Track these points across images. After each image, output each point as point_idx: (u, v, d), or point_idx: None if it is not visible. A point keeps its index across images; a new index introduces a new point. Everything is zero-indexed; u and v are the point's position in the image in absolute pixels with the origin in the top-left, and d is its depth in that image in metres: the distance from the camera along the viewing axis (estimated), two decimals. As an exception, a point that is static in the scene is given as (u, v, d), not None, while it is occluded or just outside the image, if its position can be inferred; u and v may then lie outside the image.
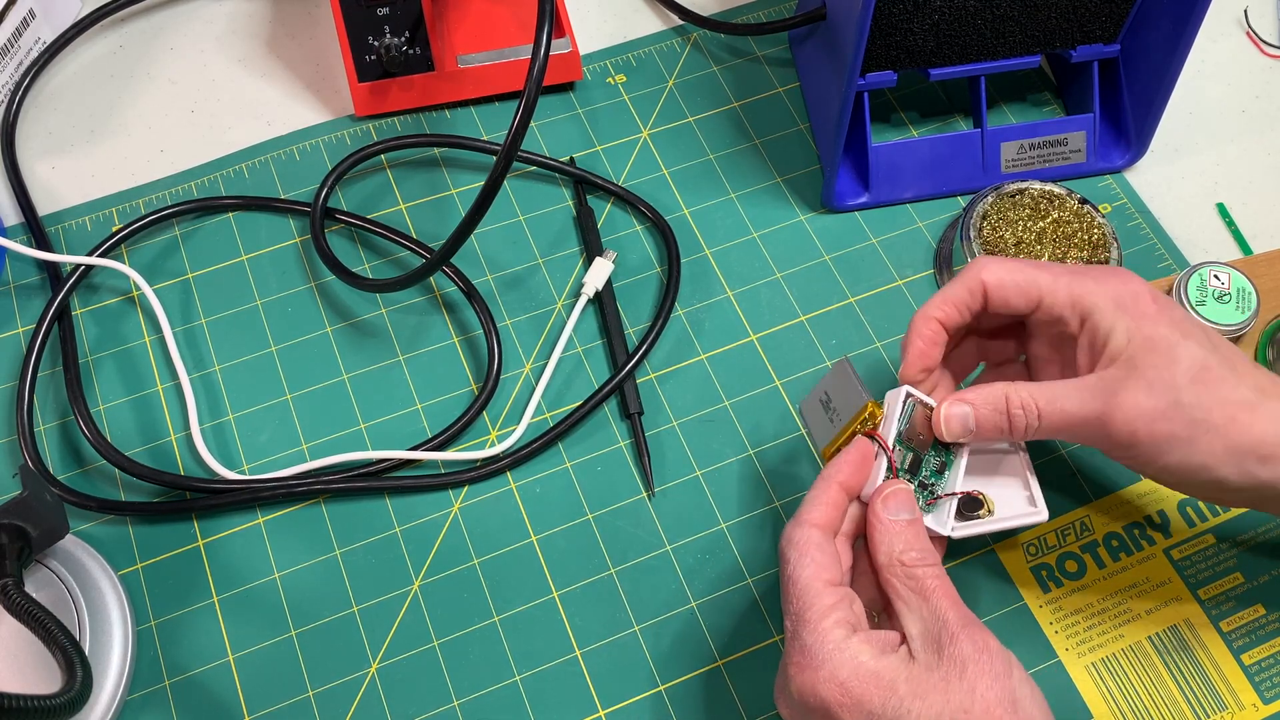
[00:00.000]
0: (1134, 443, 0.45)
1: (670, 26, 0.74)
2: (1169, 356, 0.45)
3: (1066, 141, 0.67)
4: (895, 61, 0.64)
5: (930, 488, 0.49)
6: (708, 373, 0.62)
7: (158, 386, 0.61)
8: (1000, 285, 0.48)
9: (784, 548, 0.45)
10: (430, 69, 0.68)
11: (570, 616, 0.55)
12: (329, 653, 0.54)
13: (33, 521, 0.50)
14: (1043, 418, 0.47)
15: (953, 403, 0.48)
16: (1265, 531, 0.57)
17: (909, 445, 0.49)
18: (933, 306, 0.49)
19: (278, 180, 0.67)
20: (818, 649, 0.42)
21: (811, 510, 0.46)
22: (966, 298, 0.49)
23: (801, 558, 0.44)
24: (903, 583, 0.44)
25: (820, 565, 0.44)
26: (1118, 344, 0.46)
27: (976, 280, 0.48)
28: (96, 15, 0.72)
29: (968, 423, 0.48)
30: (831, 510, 0.46)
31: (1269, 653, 0.54)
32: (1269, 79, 0.72)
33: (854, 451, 0.48)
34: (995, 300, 0.49)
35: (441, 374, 0.61)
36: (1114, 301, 0.46)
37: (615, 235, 0.66)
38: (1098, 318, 0.47)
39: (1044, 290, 0.48)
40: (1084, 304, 0.47)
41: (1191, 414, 0.44)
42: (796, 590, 0.44)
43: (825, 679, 0.42)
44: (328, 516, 0.58)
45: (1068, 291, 0.47)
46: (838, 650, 0.42)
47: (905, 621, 0.44)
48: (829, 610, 0.43)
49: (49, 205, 0.67)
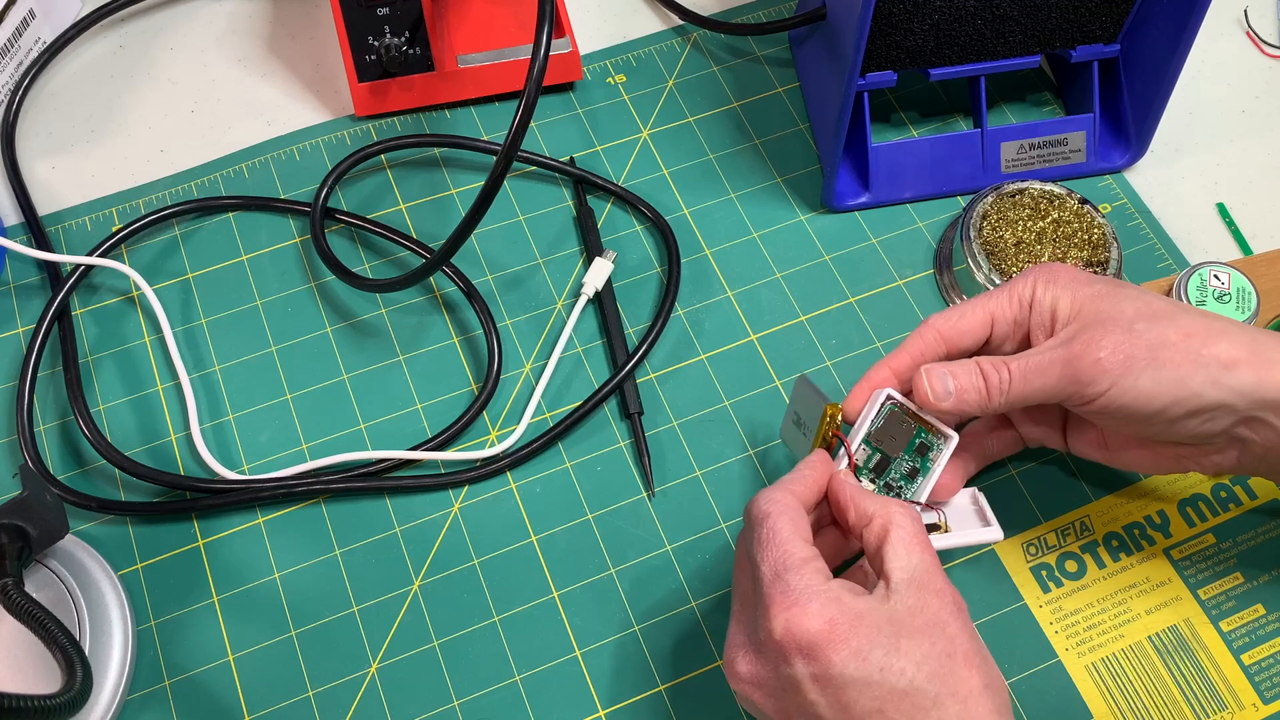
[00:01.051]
0: (1102, 372, 0.46)
1: (670, 26, 0.74)
2: (1113, 302, 0.48)
3: (1066, 141, 0.67)
4: (895, 61, 0.64)
5: (897, 490, 0.50)
6: (708, 373, 0.62)
7: (158, 386, 0.61)
8: (951, 324, 0.50)
9: (762, 506, 0.46)
10: (430, 69, 0.68)
11: (570, 616, 0.55)
12: (329, 653, 0.54)
13: (33, 521, 0.50)
14: (1013, 375, 0.48)
15: (931, 367, 0.50)
16: (1265, 531, 0.57)
17: (878, 447, 0.50)
18: (890, 357, 0.51)
19: (278, 180, 0.67)
20: (804, 588, 0.42)
21: (791, 482, 0.47)
22: (921, 346, 0.50)
23: (782, 514, 0.45)
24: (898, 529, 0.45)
25: (798, 524, 0.45)
26: (1065, 309, 0.49)
27: (929, 330, 0.51)
28: (96, 15, 0.72)
29: (947, 383, 0.49)
30: (808, 488, 0.47)
31: (1269, 653, 0.54)
32: (1269, 79, 0.72)
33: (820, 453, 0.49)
34: (954, 338, 0.50)
35: (441, 374, 0.61)
36: (1048, 279, 0.49)
37: (615, 235, 0.66)
38: (1039, 296, 0.49)
39: (989, 307, 0.50)
40: (1023, 294, 0.50)
41: (1148, 338, 0.46)
42: (777, 540, 0.44)
43: (814, 614, 0.42)
44: (328, 516, 0.58)
45: (1007, 295, 0.50)
46: (823, 588, 0.43)
47: (891, 564, 0.44)
48: (809, 560, 0.44)
49: (49, 205, 0.67)
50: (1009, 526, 0.57)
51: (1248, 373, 0.46)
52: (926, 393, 0.49)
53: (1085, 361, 0.46)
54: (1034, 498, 0.58)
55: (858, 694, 0.41)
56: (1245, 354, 0.46)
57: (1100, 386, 0.46)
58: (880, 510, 0.46)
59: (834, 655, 0.41)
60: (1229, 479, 0.58)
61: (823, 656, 0.41)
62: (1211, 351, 0.46)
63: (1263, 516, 0.58)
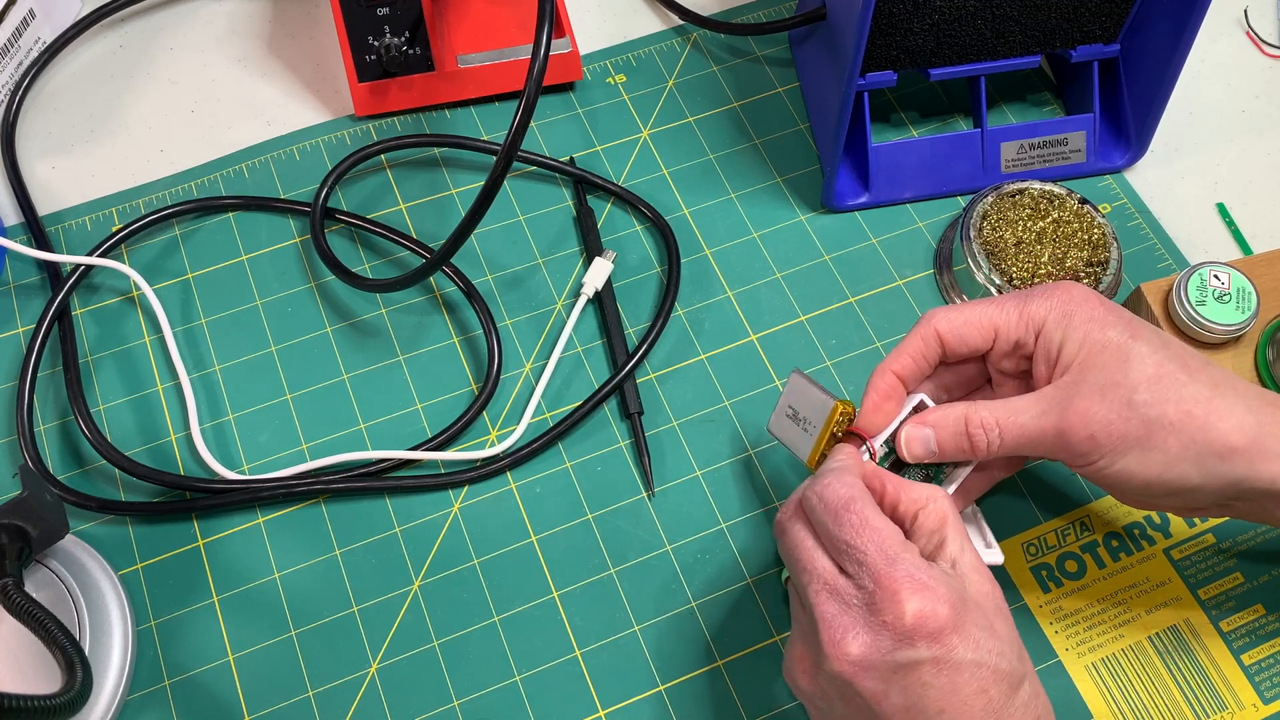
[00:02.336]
0: (1093, 448, 0.45)
1: (670, 26, 0.74)
2: (1120, 358, 0.46)
3: (1066, 141, 0.67)
4: (895, 61, 0.64)
5: None
6: (708, 373, 0.62)
7: (158, 386, 0.61)
8: (954, 330, 0.49)
9: (839, 492, 0.44)
10: (430, 69, 0.68)
11: (570, 616, 0.55)
12: (329, 653, 0.54)
13: (33, 521, 0.50)
14: (1003, 435, 0.47)
15: (913, 425, 0.49)
16: (1265, 531, 0.57)
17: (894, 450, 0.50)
18: (890, 360, 0.50)
19: (278, 180, 0.67)
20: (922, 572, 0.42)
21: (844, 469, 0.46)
22: (922, 348, 0.50)
23: (866, 499, 0.44)
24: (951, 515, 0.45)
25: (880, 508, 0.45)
26: (1070, 352, 0.47)
27: (930, 330, 0.49)
28: (96, 15, 0.72)
29: (929, 445, 0.49)
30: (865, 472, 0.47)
31: (1269, 653, 0.54)
32: (1269, 79, 0.72)
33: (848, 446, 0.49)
34: (953, 345, 0.49)
35: (441, 374, 0.61)
36: (1063, 312, 0.47)
37: (615, 235, 0.66)
38: (1049, 330, 0.47)
39: (996, 320, 0.49)
40: (1035, 320, 0.48)
41: (1146, 413, 0.45)
42: (872, 525, 0.43)
43: (943, 598, 0.41)
44: (328, 516, 0.58)
45: (1018, 313, 0.48)
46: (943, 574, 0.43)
47: (952, 548, 0.44)
48: (907, 545, 0.43)
49: (49, 205, 0.67)
50: (1009, 526, 0.57)
51: (1242, 465, 0.45)
52: (905, 454, 0.49)
53: (1077, 436, 0.45)
54: (1034, 498, 0.58)
55: (969, 676, 0.41)
56: (1245, 442, 0.45)
57: (1090, 459, 0.46)
58: (931, 494, 0.46)
59: (956, 639, 0.41)
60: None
61: (948, 640, 0.41)
62: (1209, 437, 0.45)
63: (1263, 516, 0.58)
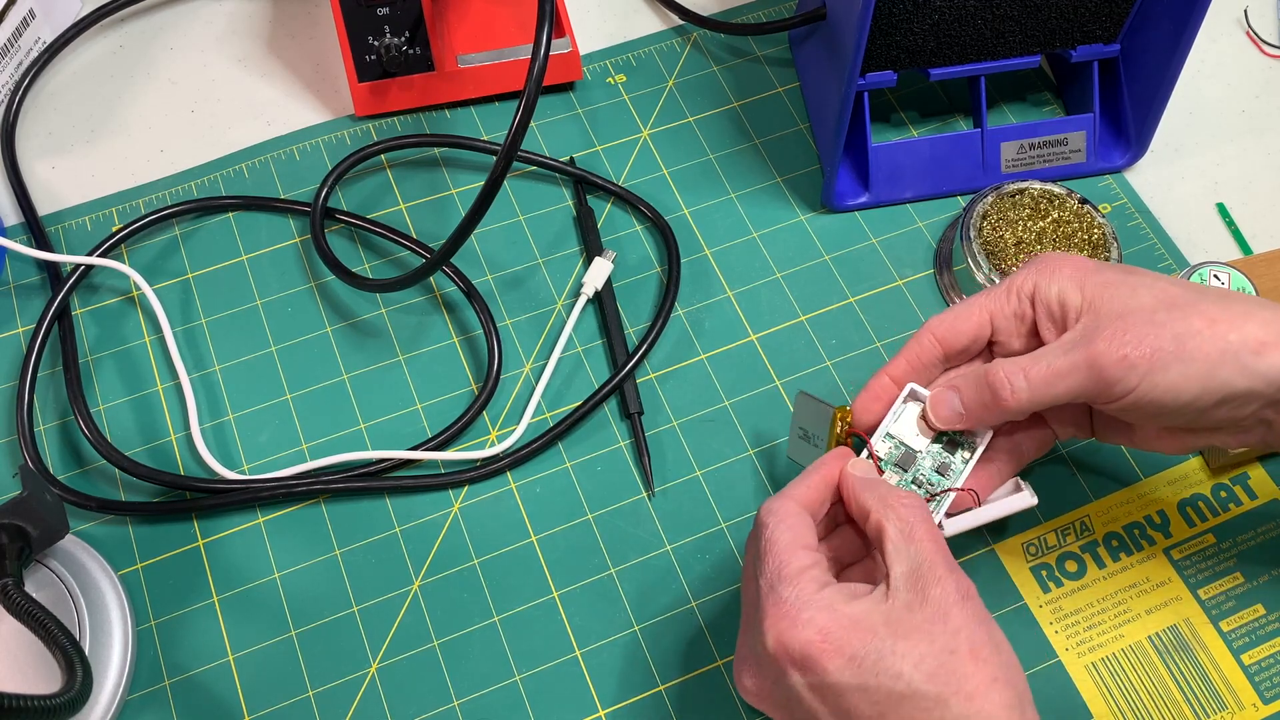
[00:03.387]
0: (1128, 369, 0.44)
1: (670, 26, 0.74)
2: (1129, 291, 0.46)
3: (1066, 141, 0.67)
4: (895, 61, 0.64)
5: (923, 485, 0.50)
6: (708, 373, 0.62)
7: (158, 386, 0.61)
8: (946, 327, 0.49)
9: (762, 516, 0.45)
10: (430, 69, 0.68)
11: (570, 616, 0.55)
12: (329, 653, 0.54)
13: (33, 521, 0.50)
14: (1030, 380, 0.46)
15: (939, 389, 0.49)
16: (1265, 531, 0.57)
17: (903, 442, 0.50)
18: (887, 366, 0.50)
19: (278, 180, 0.67)
20: (795, 599, 0.42)
21: (794, 487, 0.47)
22: (918, 350, 0.50)
23: (780, 523, 0.45)
24: (893, 524, 0.44)
25: (797, 532, 0.45)
26: (1074, 300, 0.47)
27: (924, 333, 0.50)
28: (96, 15, 0.72)
29: (954, 406, 0.48)
30: (812, 492, 0.47)
31: (1269, 653, 0.54)
32: (1269, 79, 0.72)
33: (837, 449, 0.49)
34: (951, 340, 0.49)
35: (441, 374, 0.61)
36: (1049, 271, 0.48)
37: (615, 235, 0.66)
38: (1042, 290, 0.47)
39: (987, 306, 0.49)
40: (1024, 289, 0.48)
41: (1172, 328, 0.44)
42: (774, 550, 0.44)
43: (804, 624, 0.41)
44: (328, 516, 0.58)
45: (1005, 290, 0.48)
46: (815, 598, 0.42)
47: (891, 561, 0.43)
48: (806, 569, 0.43)
49: (49, 205, 0.67)
50: (1008, 526, 0.57)
51: (1277, 357, 0.44)
52: (934, 420, 0.49)
53: (1109, 359, 0.44)
54: (1034, 498, 0.58)
55: (857, 700, 0.41)
56: (1274, 336, 0.44)
57: (1128, 384, 0.45)
58: (876, 504, 0.45)
59: (828, 664, 0.41)
60: (1229, 479, 0.58)
61: (817, 666, 0.41)
62: (1239, 337, 0.44)
63: (1263, 516, 0.58)
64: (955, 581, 0.42)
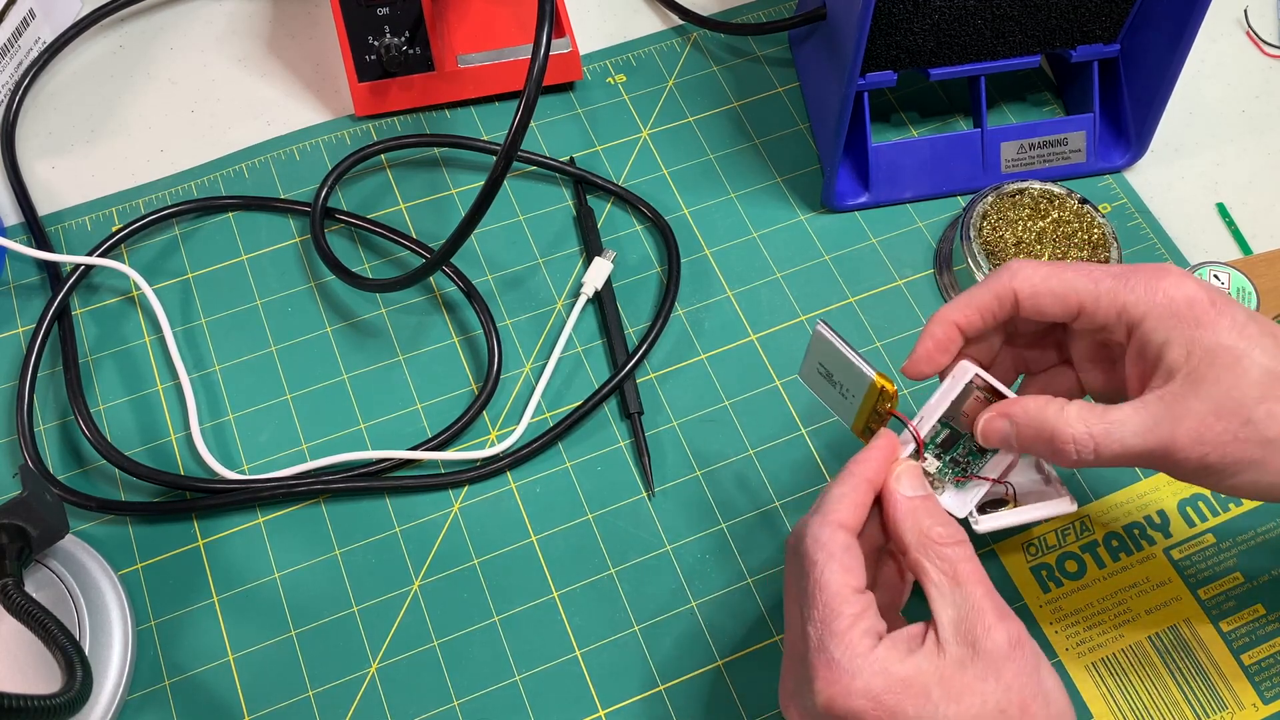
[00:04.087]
0: (1203, 470, 0.42)
1: (670, 26, 0.74)
2: (1234, 370, 0.41)
3: (1066, 141, 0.67)
4: (895, 61, 0.64)
5: (964, 466, 0.47)
6: (708, 373, 0.62)
7: (158, 386, 0.61)
8: (1034, 295, 0.44)
9: (809, 548, 0.42)
10: (430, 69, 0.68)
11: (570, 616, 0.55)
12: (329, 653, 0.54)
13: (33, 521, 0.50)
14: (1099, 450, 0.42)
15: (996, 415, 0.45)
16: (1265, 531, 0.57)
17: (947, 422, 0.47)
18: (954, 309, 0.46)
19: (278, 180, 0.67)
20: (848, 662, 0.40)
21: (839, 508, 0.43)
22: (994, 305, 0.45)
23: (830, 561, 0.42)
24: (934, 565, 0.42)
25: (848, 570, 0.42)
26: (1174, 358, 0.42)
27: (1007, 289, 0.45)
28: (96, 15, 0.72)
29: (1009, 440, 0.45)
30: (859, 511, 0.44)
31: (1269, 653, 0.54)
32: (1269, 79, 0.72)
33: (882, 443, 0.45)
34: (1028, 309, 0.45)
35: (441, 374, 0.61)
36: (1166, 309, 0.42)
37: (615, 235, 0.66)
38: (1148, 328, 0.42)
39: (1084, 298, 0.44)
40: (1131, 313, 0.43)
41: (1264, 433, 0.41)
42: (824, 597, 0.41)
43: (858, 692, 0.40)
44: (328, 516, 0.58)
45: (1111, 300, 0.43)
46: (867, 662, 0.40)
47: (936, 607, 0.41)
48: (856, 619, 0.41)
49: (49, 205, 0.67)
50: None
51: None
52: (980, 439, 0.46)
53: (1187, 456, 0.41)
54: (1034, 498, 0.58)
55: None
56: None
57: (1197, 480, 0.43)
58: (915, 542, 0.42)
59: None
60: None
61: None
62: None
63: (1263, 516, 0.58)
64: (1006, 630, 0.40)
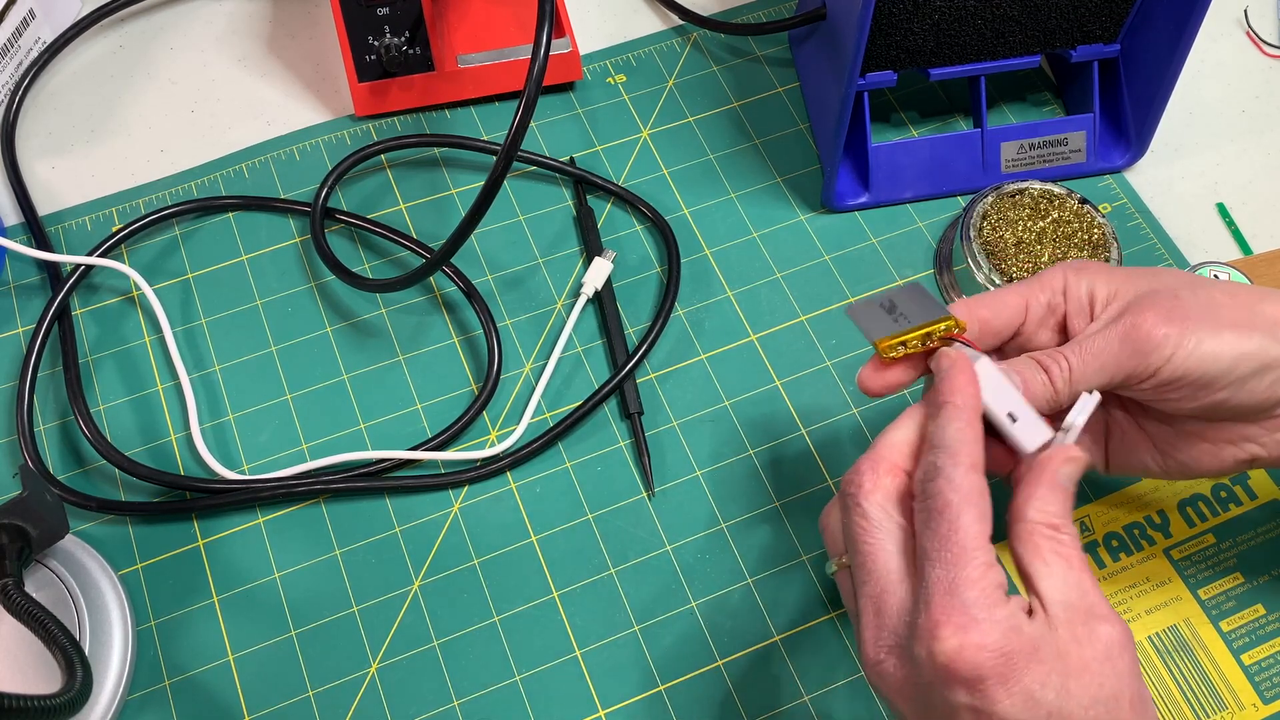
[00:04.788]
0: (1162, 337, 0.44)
1: (670, 26, 0.74)
2: (1151, 277, 0.47)
3: (1066, 141, 0.67)
4: (895, 61, 0.64)
5: None
6: (708, 373, 0.62)
7: (158, 386, 0.61)
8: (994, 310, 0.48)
9: (941, 488, 0.41)
10: (430, 69, 0.68)
11: (570, 616, 0.55)
12: (329, 653, 0.54)
13: (33, 521, 0.50)
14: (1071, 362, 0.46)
15: None
16: (1265, 531, 0.57)
17: None
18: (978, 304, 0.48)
19: (278, 180, 0.67)
20: (982, 611, 0.38)
21: (972, 449, 0.42)
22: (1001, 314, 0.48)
23: (967, 505, 0.40)
24: (1050, 545, 0.41)
25: (984, 518, 0.40)
26: (1103, 292, 0.47)
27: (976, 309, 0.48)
28: (96, 15, 0.72)
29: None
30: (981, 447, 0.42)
31: (1269, 653, 0.54)
32: (1269, 79, 0.72)
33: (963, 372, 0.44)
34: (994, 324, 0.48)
35: (441, 374, 0.61)
36: (1077, 269, 0.48)
37: (615, 235, 0.66)
38: (1072, 284, 0.48)
39: (1024, 294, 0.48)
40: (1057, 284, 0.48)
41: (1199, 300, 0.45)
42: (959, 539, 0.39)
43: (990, 646, 0.38)
44: (328, 516, 0.58)
45: (1039, 284, 0.49)
46: (1004, 615, 0.39)
47: (1043, 584, 0.40)
48: (988, 569, 0.39)
49: (49, 205, 0.67)
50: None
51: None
52: None
53: (1143, 330, 0.45)
54: (1034, 498, 0.58)
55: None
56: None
57: (1164, 352, 0.44)
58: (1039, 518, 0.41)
59: (1002, 694, 0.38)
60: (1229, 479, 0.58)
61: (990, 693, 0.38)
62: (1263, 308, 0.45)
63: (1263, 516, 0.58)
64: (1122, 625, 0.40)
